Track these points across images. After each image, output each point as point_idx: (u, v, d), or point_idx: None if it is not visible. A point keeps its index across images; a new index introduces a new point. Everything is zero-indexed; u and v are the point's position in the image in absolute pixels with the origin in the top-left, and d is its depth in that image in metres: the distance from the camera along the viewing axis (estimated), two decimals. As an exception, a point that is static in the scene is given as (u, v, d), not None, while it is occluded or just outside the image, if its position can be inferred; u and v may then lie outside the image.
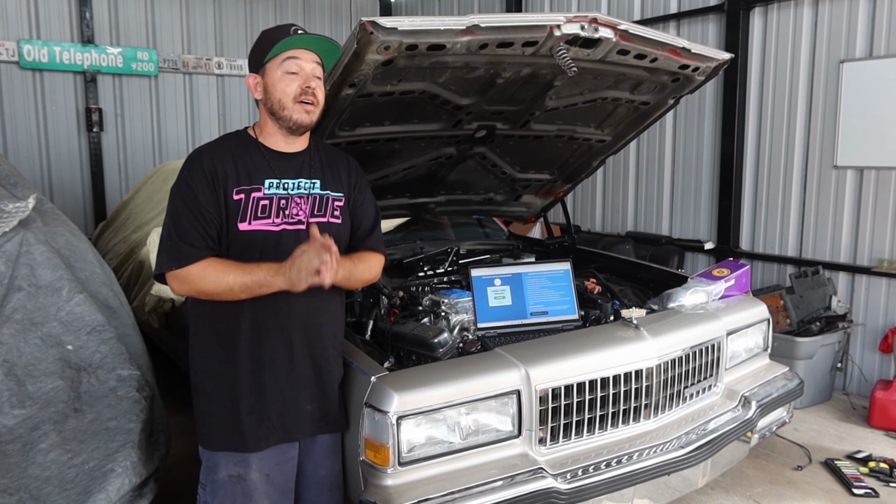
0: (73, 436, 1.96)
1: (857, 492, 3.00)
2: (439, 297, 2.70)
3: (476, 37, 2.11)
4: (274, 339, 1.82)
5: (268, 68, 1.81)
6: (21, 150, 5.80)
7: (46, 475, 1.85)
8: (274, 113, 1.81)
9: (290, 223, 1.81)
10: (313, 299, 1.83)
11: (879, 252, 4.08)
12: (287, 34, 1.78)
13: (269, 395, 1.82)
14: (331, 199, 1.90)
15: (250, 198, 1.77)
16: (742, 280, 2.98)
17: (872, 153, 4.01)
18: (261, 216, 1.78)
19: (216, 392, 1.83)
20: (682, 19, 5.02)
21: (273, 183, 1.81)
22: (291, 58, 1.79)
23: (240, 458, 1.81)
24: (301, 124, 1.81)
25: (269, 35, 1.82)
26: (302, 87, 1.78)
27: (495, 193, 3.57)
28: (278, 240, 1.79)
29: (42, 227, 2.40)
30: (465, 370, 2.08)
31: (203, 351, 1.86)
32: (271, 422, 1.83)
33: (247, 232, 1.76)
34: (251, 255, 1.76)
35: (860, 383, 4.21)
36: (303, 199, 1.84)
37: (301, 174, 1.87)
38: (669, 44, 2.54)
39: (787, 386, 2.77)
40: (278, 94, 1.78)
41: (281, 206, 1.80)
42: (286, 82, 1.78)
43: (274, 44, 1.78)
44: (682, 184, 5.17)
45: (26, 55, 5.66)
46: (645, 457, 2.20)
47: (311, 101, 1.80)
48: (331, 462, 1.99)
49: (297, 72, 1.79)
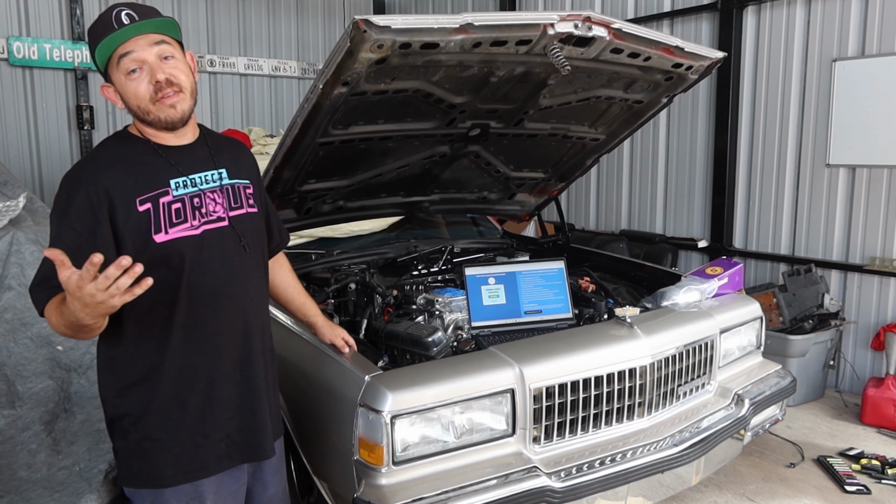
0: (63, 436, 1.95)
1: (849, 489, 3.02)
2: (433, 295, 2.69)
3: (470, 35, 2.11)
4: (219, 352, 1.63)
5: (113, 76, 1.54)
6: (11, 149, 5.75)
7: (36, 477, 1.84)
8: (142, 120, 1.58)
9: (210, 222, 1.60)
10: (248, 298, 1.68)
11: (871, 250, 4.10)
12: (106, 32, 1.50)
13: (220, 413, 1.62)
14: (241, 188, 1.70)
15: (159, 204, 1.53)
16: (735, 278, 2.98)
17: (864, 152, 4.02)
18: (176, 222, 1.55)
19: (155, 419, 1.57)
20: (675, 18, 5.02)
21: (179, 182, 1.57)
22: (125, 54, 1.50)
23: (195, 492, 1.60)
24: (172, 120, 1.56)
25: (92, 35, 1.53)
26: (153, 84, 1.52)
27: (489, 192, 3.57)
28: (201, 244, 1.58)
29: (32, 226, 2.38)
30: (459, 369, 2.07)
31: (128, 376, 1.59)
32: (231, 439, 1.65)
33: (166, 243, 1.52)
34: (174, 269, 1.54)
35: (852, 381, 4.23)
36: (216, 193, 1.63)
37: (205, 166, 1.64)
38: (663, 42, 2.54)
39: (780, 384, 2.78)
40: (134, 101, 1.54)
41: (195, 206, 1.58)
42: (134, 85, 1.52)
43: (97, 47, 1.51)
44: (675, 182, 5.18)
45: (16, 52, 5.61)
46: (639, 455, 2.21)
47: (172, 92, 1.54)
48: (278, 480, 1.84)
49: (138, 68, 1.52)
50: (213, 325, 1.60)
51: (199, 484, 1.60)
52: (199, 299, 1.58)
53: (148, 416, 1.57)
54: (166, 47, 1.55)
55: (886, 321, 4.02)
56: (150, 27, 1.53)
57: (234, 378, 1.65)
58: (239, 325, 1.66)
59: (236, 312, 1.65)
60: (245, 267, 1.67)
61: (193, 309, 1.58)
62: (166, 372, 1.56)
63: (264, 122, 6.97)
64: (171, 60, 1.55)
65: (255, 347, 1.69)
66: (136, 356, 1.57)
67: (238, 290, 1.65)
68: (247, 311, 1.68)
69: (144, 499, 1.60)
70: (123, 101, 1.56)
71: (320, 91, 2.16)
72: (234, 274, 1.64)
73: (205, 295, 1.57)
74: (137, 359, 1.57)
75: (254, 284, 1.71)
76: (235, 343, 1.65)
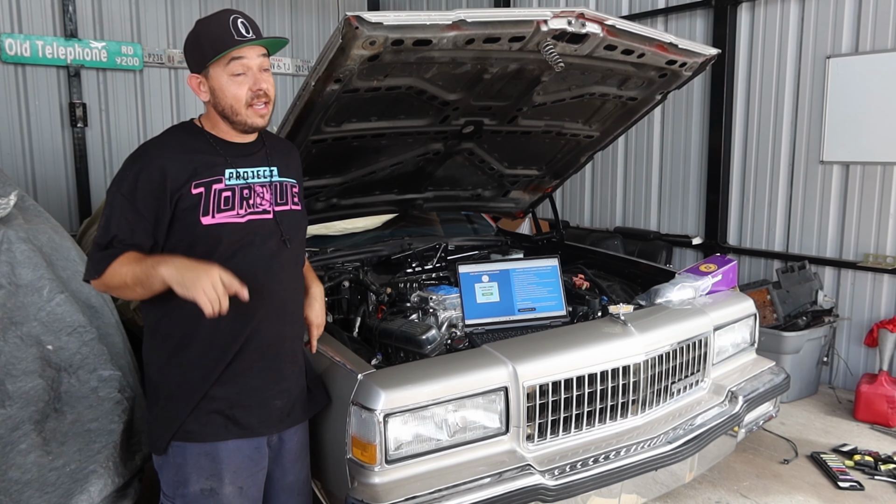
0: (53, 437, 1.94)
1: (842, 485, 3.02)
2: (427, 293, 2.69)
3: (462, 32, 2.10)
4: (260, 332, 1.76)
5: (212, 71, 1.68)
6: (3, 147, 5.71)
7: (27, 478, 1.83)
8: (227, 117, 1.72)
9: (255, 213, 1.73)
10: (283, 287, 1.80)
11: (865, 247, 4.11)
12: (231, 41, 1.65)
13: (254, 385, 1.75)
14: (289, 186, 1.84)
15: (212, 190, 1.67)
16: (729, 275, 2.99)
17: (858, 148, 4.03)
18: (224, 208, 1.68)
19: (189, 385, 1.71)
20: (669, 15, 5.02)
21: (233, 173, 1.72)
22: (237, 58, 1.66)
23: (213, 470, 1.72)
24: (257, 127, 1.73)
25: (211, 38, 1.67)
26: (253, 90, 1.68)
27: (483, 189, 3.56)
28: (245, 231, 1.71)
29: (24, 224, 2.36)
30: (452, 367, 2.07)
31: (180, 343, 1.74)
32: (253, 413, 1.76)
33: (212, 226, 1.66)
34: (218, 251, 1.67)
35: (846, 377, 4.24)
36: (264, 188, 1.77)
37: (258, 163, 1.79)
38: (656, 39, 2.54)
39: (774, 380, 2.78)
40: (229, 100, 1.68)
41: (244, 197, 1.72)
42: (235, 86, 1.67)
43: (218, 51, 1.65)
44: (670, 179, 5.18)
45: (8, 49, 5.57)
46: (632, 452, 2.21)
47: (263, 104, 1.71)
48: (299, 467, 1.93)
49: (243, 73, 1.67)
50: (241, 307, 1.66)
51: (216, 446, 1.71)
52: None
53: (183, 382, 1.70)
54: (266, 60, 1.72)
55: (880, 317, 4.04)
56: (268, 42, 1.70)
57: (261, 362, 1.76)
58: (274, 311, 1.76)
59: (272, 299, 1.75)
60: (284, 258, 1.79)
61: None
62: (199, 345, 1.69)
63: (258, 120, 6.94)
64: (267, 73, 1.72)
65: (287, 333, 1.82)
66: (176, 328, 1.70)
67: (275, 279, 1.76)
68: (283, 299, 1.79)
69: (168, 467, 1.73)
70: (213, 95, 1.69)
71: (312, 88, 2.14)
72: (272, 263, 1.76)
73: (245, 279, 1.63)
74: (177, 330, 1.70)
75: (290, 275, 1.83)
76: (256, 325, 1.73)
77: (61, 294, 2.22)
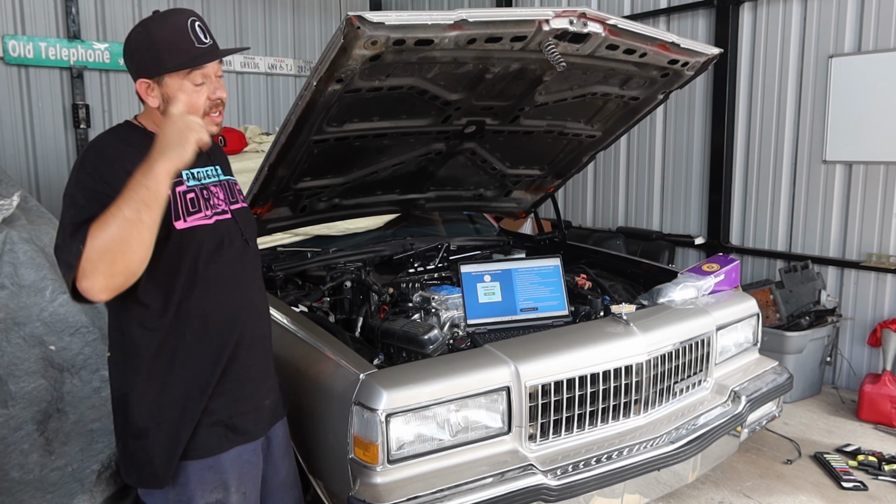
0: (55, 437, 1.94)
1: (846, 485, 3.02)
2: (429, 293, 2.68)
3: (464, 32, 2.10)
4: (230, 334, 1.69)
5: (167, 80, 1.56)
6: (6, 148, 5.73)
7: (29, 478, 1.83)
8: None
9: (218, 213, 1.66)
10: (253, 286, 1.76)
11: (868, 246, 4.10)
12: (194, 50, 1.55)
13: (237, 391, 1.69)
14: (233, 184, 1.79)
15: (176, 193, 1.57)
16: (732, 275, 2.98)
17: (861, 148, 4.02)
18: (192, 211, 1.59)
19: (168, 399, 1.60)
20: (671, 14, 5.01)
21: (189, 174, 1.63)
22: (199, 67, 1.57)
23: (218, 482, 1.66)
24: (212, 135, 1.58)
25: (168, 44, 1.55)
26: (212, 100, 1.60)
27: (485, 189, 3.56)
28: (216, 233, 1.63)
29: (26, 225, 2.37)
30: (454, 367, 2.06)
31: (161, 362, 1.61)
32: (230, 420, 1.69)
33: (185, 231, 1.56)
34: (199, 256, 1.59)
35: (849, 377, 4.23)
36: (217, 188, 1.70)
37: (204, 163, 1.70)
38: (658, 39, 2.53)
39: (777, 380, 2.78)
40: (186, 109, 1.55)
41: (205, 197, 1.64)
42: (194, 97, 1.57)
43: (181, 65, 1.55)
44: (672, 179, 5.18)
45: (11, 51, 5.58)
46: (635, 452, 2.20)
47: (218, 112, 1.63)
48: (287, 461, 1.91)
49: (203, 82, 1.58)
50: (225, 312, 1.65)
51: (219, 458, 1.65)
52: (212, 286, 1.63)
53: (180, 402, 1.60)
54: (219, 66, 1.64)
55: (883, 317, 4.02)
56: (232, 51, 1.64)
57: (251, 364, 1.72)
58: (254, 311, 1.74)
59: (244, 300, 1.71)
60: (248, 257, 1.75)
61: (209, 295, 1.62)
62: (190, 359, 1.61)
63: (260, 120, 6.95)
64: (222, 78, 1.64)
65: (257, 333, 1.76)
66: (147, 339, 1.58)
67: (248, 278, 1.73)
68: (253, 300, 1.75)
69: (166, 493, 1.63)
70: (167, 103, 1.56)
71: (314, 88, 2.14)
72: (244, 263, 1.72)
73: (225, 283, 1.63)
74: (148, 342, 1.58)
75: (257, 273, 1.80)
76: (241, 328, 1.69)
77: (64, 294, 2.22)
